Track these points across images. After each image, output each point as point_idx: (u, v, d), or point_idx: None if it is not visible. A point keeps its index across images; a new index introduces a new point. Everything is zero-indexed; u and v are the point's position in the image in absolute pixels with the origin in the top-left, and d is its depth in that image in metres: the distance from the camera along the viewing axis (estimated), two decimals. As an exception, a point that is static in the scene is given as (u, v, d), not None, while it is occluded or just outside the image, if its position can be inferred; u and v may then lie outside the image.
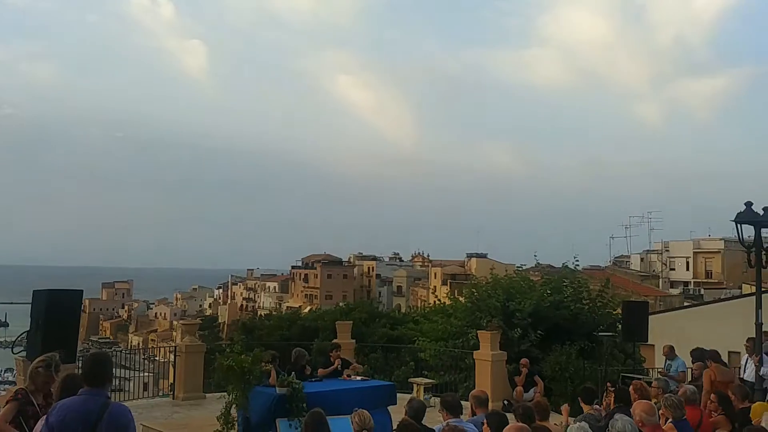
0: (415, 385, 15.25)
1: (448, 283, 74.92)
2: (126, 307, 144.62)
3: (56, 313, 9.90)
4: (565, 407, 10.18)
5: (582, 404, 9.66)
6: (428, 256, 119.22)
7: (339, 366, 12.36)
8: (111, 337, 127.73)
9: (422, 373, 17.75)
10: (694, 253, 69.41)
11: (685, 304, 43.20)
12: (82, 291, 11.15)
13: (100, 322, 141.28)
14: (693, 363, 13.67)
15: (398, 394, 11.93)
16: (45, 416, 5.60)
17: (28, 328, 10.52)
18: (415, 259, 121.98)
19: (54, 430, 4.78)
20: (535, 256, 22.21)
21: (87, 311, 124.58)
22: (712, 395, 8.89)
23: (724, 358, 14.59)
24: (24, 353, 10.57)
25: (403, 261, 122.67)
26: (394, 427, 9.17)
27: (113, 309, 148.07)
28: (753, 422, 8.49)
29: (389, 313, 34.56)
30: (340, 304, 38.08)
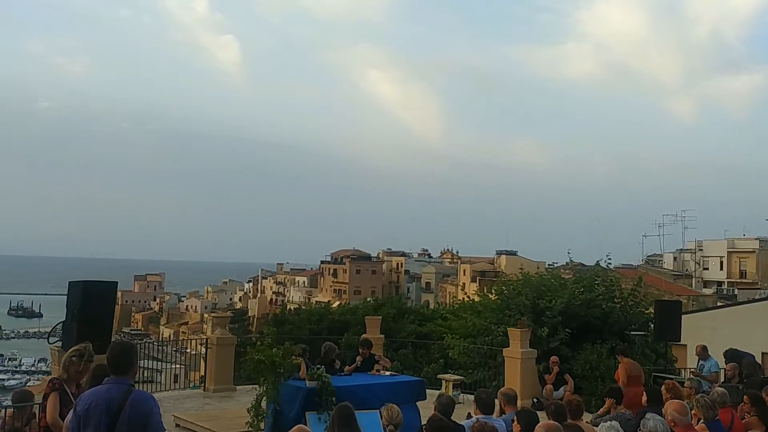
0: (443, 382, 15.25)
1: (477, 280, 74.68)
2: (158, 300, 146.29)
3: (91, 304, 10.03)
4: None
5: (608, 400, 9.61)
6: (457, 252, 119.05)
7: (360, 363, 12.35)
8: (142, 329, 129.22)
9: (451, 370, 17.73)
10: (728, 252, 68.44)
11: (719, 304, 42.59)
12: (116, 282, 11.31)
13: (132, 313, 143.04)
14: (726, 364, 13.51)
15: (427, 390, 11.93)
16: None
17: (62, 319, 10.68)
18: (444, 256, 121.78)
19: (80, 418, 4.86)
20: (568, 253, 22.06)
21: (119, 303, 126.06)
22: (745, 396, 8.78)
23: (758, 359, 14.39)
24: (59, 343, 10.75)
25: (431, 257, 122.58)
26: (423, 422, 9.19)
27: (145, 301, 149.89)
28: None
29: (418, 309, 34.49)
30: (369, 299, 38.09)
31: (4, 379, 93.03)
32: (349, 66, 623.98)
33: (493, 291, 20.81)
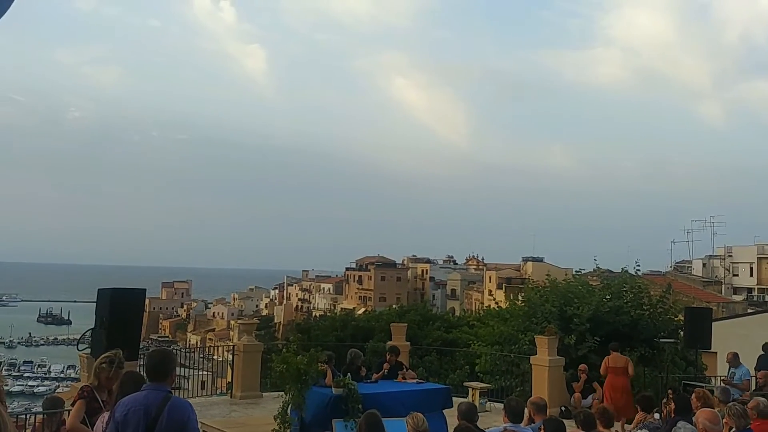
0: (470, 389, 15.17)
1: (503, 287, 74.30)
2: (185, 307, 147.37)
3: (120, 311, 10.10)
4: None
5: (640, 412, 9.50)
6: (483, 259, 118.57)
7: (387, 371, 12.34)
8: (170, 336, 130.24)
9: (477, 377, 17.64)
10: (758, 258, 67.50)
11: (749, 311, 41.99)
12: (145, 290, 11.37)
13: (160, 320, 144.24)
14: (757, 371, 13.31)
15: (453, 398, 11.87)
16: (106, 412, 5.75)
17: (91, 326, 10.77)
18: (470, 263, 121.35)
19: (118, 424, 4.92)
20: (595, 259, 21.78)
21: (147, 310, 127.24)
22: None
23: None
24: (88, 350, 10.85)
25: (457, 264, 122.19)
26: (450, 430, 9.14)
27: (172, 308, 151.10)
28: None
29: (443, 316, 34.42)
30: (394, 306, 38.07)
31: (33, 386, 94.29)
32: (376, 72, 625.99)
33: (519, 298, 20.69)
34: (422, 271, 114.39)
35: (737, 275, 69.30)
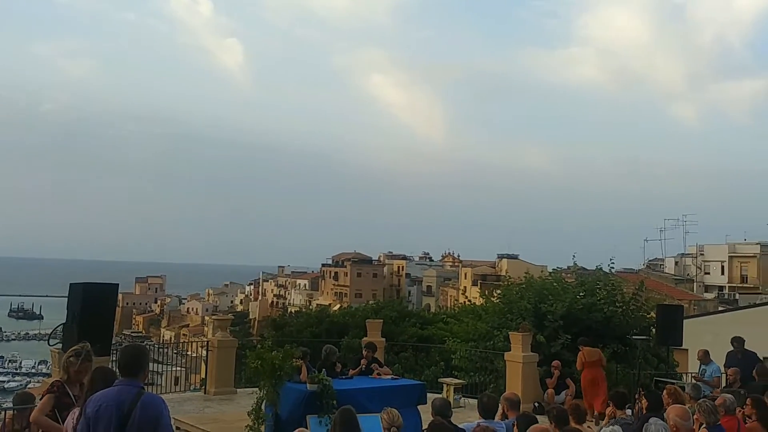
0: (445, 385, 15.22)
1: (478, 284, 74.64)
2: (158, 302, 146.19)
3: (92, 306, 10.02)
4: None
5: (613, 408, 9.58)
6: (458, 256, 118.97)
7: (364, 367, 12.36)
8: (143, 332, 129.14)
9: (452, 374, 17.70)
10: (730, 257, 68.43)
11: (720, 308, 42.58)
12: (117, 285, 11.27)
13: (133, 316, 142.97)
14: (727, 368, 13.49)
15: (428, 394, 11.91)
16: (77, 408, 5.69)
17: (63, 321, 10.66)
18: (445, 259, 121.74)
19: (90, 420, 4.87)
20: (573, 256, 21.85)
21: (120, 305, 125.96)
22: (748, 399, 8.76)
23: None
24: (60, 345, 10.73)
25: (433, 261, 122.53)
26: (424, 426, 9.17)
27: (146, 303, 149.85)
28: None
29: (419, 313, 34.45)
30: (370, 302, 38.05)
31: (4, 381, 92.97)
32: (354, 69, 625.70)
33: (495, 294, 20.77)
34: (398, 267, 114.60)
35: (709, 273, 70.21)
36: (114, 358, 9.18)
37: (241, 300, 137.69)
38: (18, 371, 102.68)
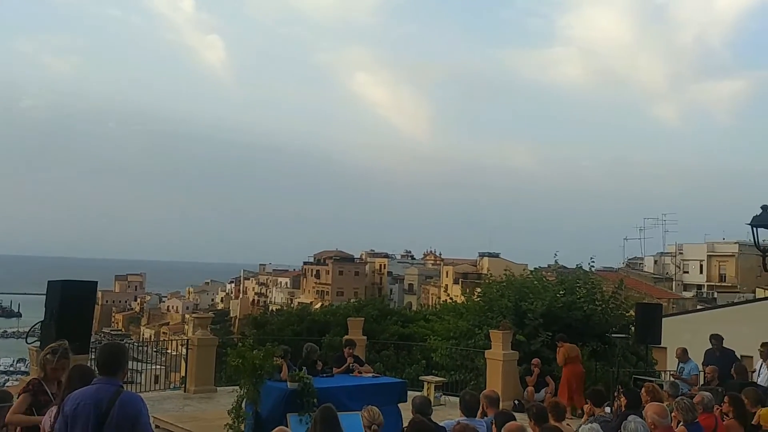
0: (425, 383, 15.25)
1: (460, 282, 74.83)
2: (138, 300, 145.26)
3: (70, 303, 9.96)
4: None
5: (591, 406, 9.64)
6: (440, 254, 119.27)
7: (351, 364, 12.39)
8: (123, 330, 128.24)
9: (433, 372, 17.74)
10: (708, 256, 69.07)
11: (698, 307, 42.98)
12: (96, 282, 11.23)
13: (113, 314, 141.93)
14: (705, 366, 13.63)
15: (409, 392, 11.93)
16: (54, 406, 5.64)
17: (41, 319, 10.58)
18: (427, 257, 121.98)
19: (68, 419, 4.83)
20: (555, 255, 21.92)
21: (100, 303, 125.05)
22: (726, 397, 8.85)
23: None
24: (38, 343, 10.64)
25: (414, 259, 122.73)
26: (405, 424, 9.18)
27: (126, 301, 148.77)
28: (764, 428, 8.46)
29: (401, 311, 34.47)
30: (352, 300, 38.01)
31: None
32: (338, 67, 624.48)
33: (476, 293, 20.83)
34: (380, 265, 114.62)
35: (687, 272, 70.83)
36: (93, 357, 9.11)
37: (222, 298, 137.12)
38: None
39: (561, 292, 18.32)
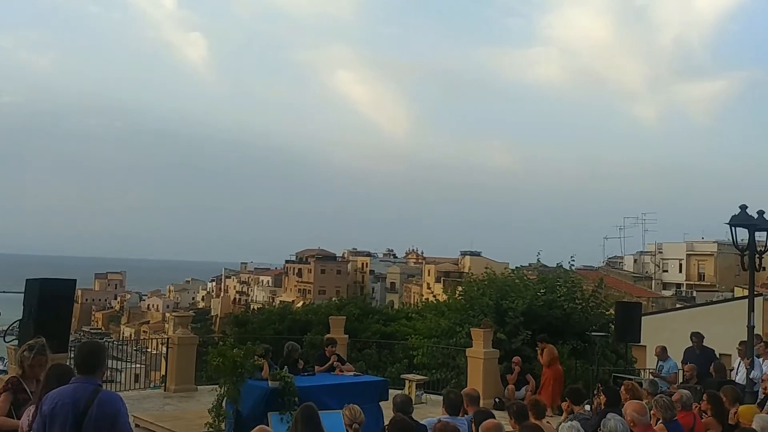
0: (407, 382, 15.26)
1: (442, 281, 74.97)
2: (118, 298, 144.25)
3: (49, 302, 9.88)
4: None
5: (570, 404, 9.70)
6: (422, 253, 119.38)
7: (334, 363, 12.37)
8: (102, 328, 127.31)
9: (414, 371, 17.76)
10: (687, 255, 69.74)
11: (678, 305, 43.34)
12: (75, 280, 11.16)
13: (92, 312, 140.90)
14: (684, 364, 13.75)
15: (390, 390, 11.93)
16: (32, 405, 5.58)
17: (20, 317, 10.49)
18: (409, 256, 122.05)
19: (46, 418, 4.78)
20: (538, 254, 21.89)
21: (79, 301, 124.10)
22: (704, 395, 8.93)
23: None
24: (16, 342, 10.55)
25: (396, 257, 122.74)
26: (386, 422, 9.19)
27: (105, 300, 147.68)
28: (742, 425, 8.54)
29: (382, 309, 34.45)
30: (333, 299, 37.96)
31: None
32: (319, 65, 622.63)
33: (458, 291, 20.89)
34: (362, 264, 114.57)
35: (667, 271, 71.48)
36: (72, 355, 9.04)
37: (203, 297, 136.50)
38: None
39: (541, 291, 18.41)
